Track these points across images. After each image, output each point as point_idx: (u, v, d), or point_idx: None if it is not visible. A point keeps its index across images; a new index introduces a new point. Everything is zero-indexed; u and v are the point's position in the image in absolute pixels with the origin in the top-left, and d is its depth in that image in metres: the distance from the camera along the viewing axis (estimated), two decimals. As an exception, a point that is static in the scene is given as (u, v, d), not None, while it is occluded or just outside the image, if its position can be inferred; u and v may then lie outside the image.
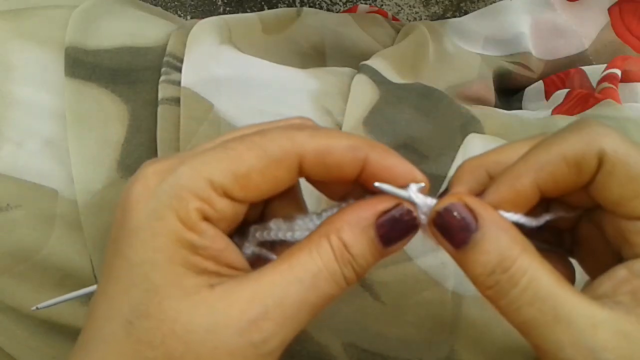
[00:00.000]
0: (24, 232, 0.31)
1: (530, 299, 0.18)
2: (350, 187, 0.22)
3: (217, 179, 0.18)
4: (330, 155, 0.19)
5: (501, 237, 0.19)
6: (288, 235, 0.21)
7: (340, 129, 0.32)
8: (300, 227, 0.21)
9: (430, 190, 0.21)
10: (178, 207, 0.18)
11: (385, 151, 0.20)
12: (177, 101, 0.32)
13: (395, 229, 0.20)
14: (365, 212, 0.20)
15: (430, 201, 0.20)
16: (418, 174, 0.20)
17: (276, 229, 0.21)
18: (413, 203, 0.20)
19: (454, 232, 0.19)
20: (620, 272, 0.19)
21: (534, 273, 0.18)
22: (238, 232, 0.22)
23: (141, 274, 0.18)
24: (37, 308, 0.25)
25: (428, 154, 0.32)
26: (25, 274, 0.32)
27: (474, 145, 0.33)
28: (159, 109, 0.32)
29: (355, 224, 0.20)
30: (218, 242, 0.19)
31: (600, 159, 0.19)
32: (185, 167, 0.18)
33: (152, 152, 0.32)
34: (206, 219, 0.18)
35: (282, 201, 0.22)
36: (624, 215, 0.19)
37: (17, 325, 0.33)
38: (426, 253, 0.30)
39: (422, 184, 0.20)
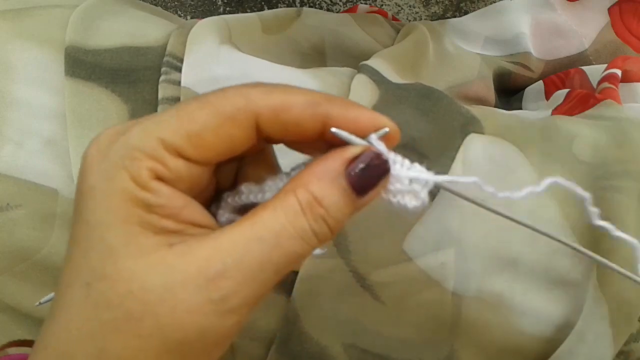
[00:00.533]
0: (24, 232, 0.31)
1: None
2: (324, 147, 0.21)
3: (168, 138, 0.18)
4: (287, 112, 0.19)
5: None
6: (259, 197, 0.21)
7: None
8: (271, 188, 0.21)
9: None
10: (130, 166, 0.18)
11: (345, 104, 0.19)
12: (177, 101, 0.32)
13: (367, 175, 0.19)
14: (333, 162, 0.19)
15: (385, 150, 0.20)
16: (382, 120, 0.20)
17: (247, 192, 0.21)
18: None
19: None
20: None
21: None
22: (216, 201, 0.21)
23: (97, 235, 0.18)
24: (40, 303, 0.25)
25: (428, 154, 0.32)
26: (26, 273, 0.32)
27: (474, 146, 0.33)
28: (159, 108, 0.32)
29: (324, 175, 0.19)
30: (175, 200, 0.18)
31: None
32: (137, 127, 0.18)
33: None
34: (160, 178, 0.18)
35: (255, 166, 0.22)
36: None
37: (17, 325, 0.33)
38: (426, 253, 0.30)
39: (386, 129, 0.20)
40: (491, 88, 0.48)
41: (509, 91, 0.51)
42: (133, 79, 0.33)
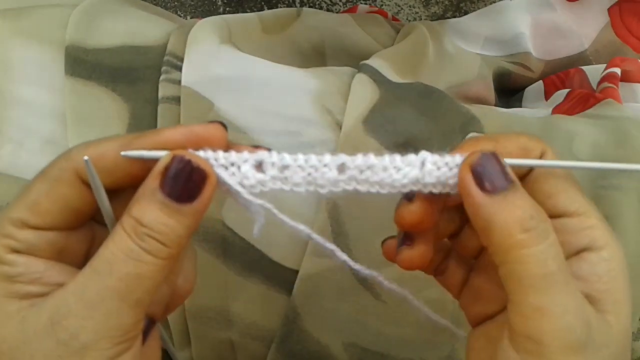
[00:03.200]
0: None
1: (554, 255, 0.19)
2: None
3: (14, 214, 0.20)
4: (103, 159, 0.20)
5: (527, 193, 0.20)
6: None
7: (340, 128, 0.32)
8: None
9: None
10: None
11: (156, 132, 0.21)
12: (177, 100, 0.32)
13: (182, 182, 0.19)
14: (148, 179, 0.20)
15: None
16: (196, 129, 0.21)
17: None
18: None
19: (494, 178, 0.20)
20: None
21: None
22: None
23: None
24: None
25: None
26: None
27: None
28: (159, 107, 0.32)
29: (142, 195, 0.19)
30: (33, 267, 0.20)
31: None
32: None
33: None
34: (16, 251, 0.20)
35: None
36: None
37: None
38: None
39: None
40: (491, 88, 0.48)
41: (509, 91, 0.51)
42: (133, 78, 0.33)
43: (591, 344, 0.19)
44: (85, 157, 0.20)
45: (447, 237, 0.25)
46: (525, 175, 0.22)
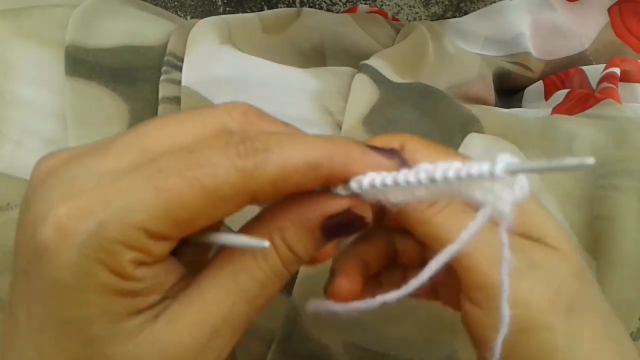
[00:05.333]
0: None
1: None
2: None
3: (153, 227, 0.16)
4: (286, 182, 0.17)
5: None
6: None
7: (341, 128, 0.32)
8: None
9: None
10: (108, 261, 0.16)
11: (346, 157, 0.18)
12: (177, 100, 0.32)
13: (342, 230, 0.19)
14: (312, 213, 0.18)
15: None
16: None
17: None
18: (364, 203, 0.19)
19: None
20: None
21: None
22: None
23: (76, 329, 0.16)
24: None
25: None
26: None
27: (473, 145, 0.33)
28: (160, 108, 0.32)
29: (301, 225, 0.18)
30: (158, 276, 0.17)
31: None
32: (109, 213, 0.16)
33: None
34: (142, 264, 0.17)
35: None
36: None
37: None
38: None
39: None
40: (491, 88, 0.48)
41: (509, 91, 0.51)
42: (133, 78, 0.33)
43: (533, 268, 0.20)
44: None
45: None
46: None
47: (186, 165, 0.16)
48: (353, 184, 0.18)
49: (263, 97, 0.32)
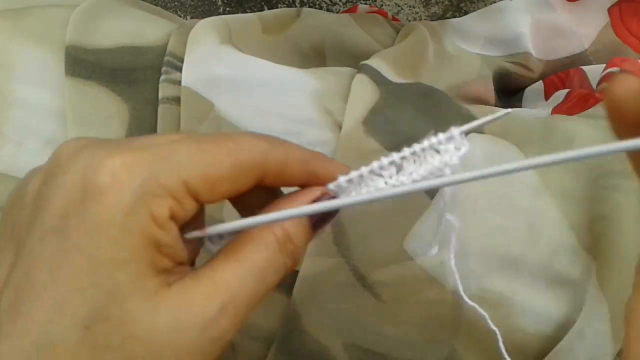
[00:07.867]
0: None
1: None
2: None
3: (192, 182, 0.18)
4: (288, 167, 0.21)
5: None
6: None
7: (341, 128, 0.32)
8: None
9: None
10: (153, 203, 0.18)
11: (324, 160, 0.22)
12: (177, 100, 0.32)
13: (324, 215, 0.21)
14: (302, 203, 0.21)
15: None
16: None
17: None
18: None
19: None
20: None
21: None
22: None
23: (105, 273, 0.17)
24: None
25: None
26: None
27: (473, 145, 0.33)
28: (160, 108, 0.32)
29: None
30: (177, 240, 0.19)
31: None
32: (161, 163, 0.18)
33: None
34: (173, 218, 0.18)
35: None
36: None
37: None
38: (427, 252, 0.30)
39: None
40: (491, 88, 0.48)
41: (509, 91, 0.51)
42: (133, 78, 0.33)
43: None
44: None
45: None
46: None
47: (224, 140, 0.20)
48: (340, 180, 0.22)
49: (263, 97, 0.32)
